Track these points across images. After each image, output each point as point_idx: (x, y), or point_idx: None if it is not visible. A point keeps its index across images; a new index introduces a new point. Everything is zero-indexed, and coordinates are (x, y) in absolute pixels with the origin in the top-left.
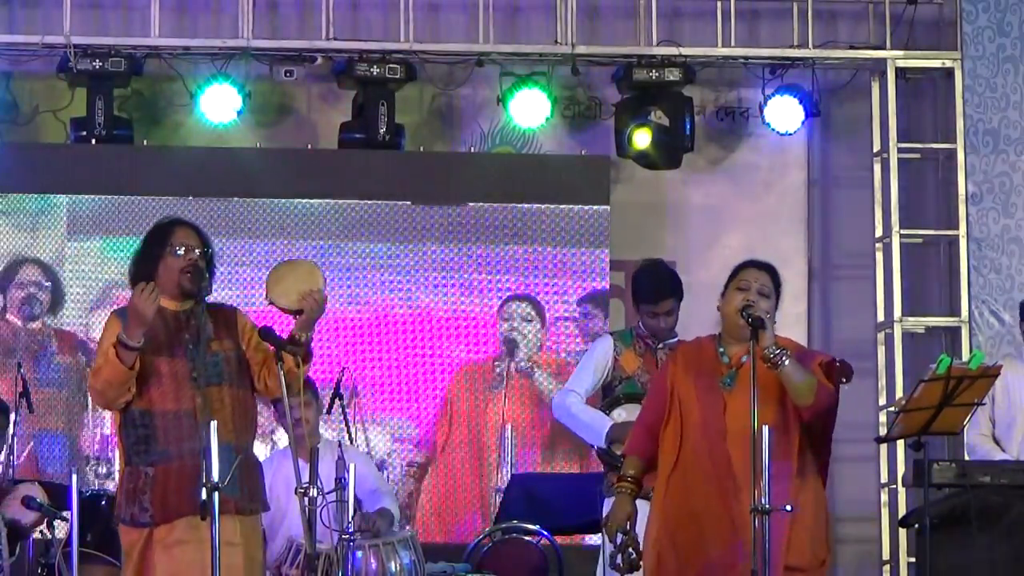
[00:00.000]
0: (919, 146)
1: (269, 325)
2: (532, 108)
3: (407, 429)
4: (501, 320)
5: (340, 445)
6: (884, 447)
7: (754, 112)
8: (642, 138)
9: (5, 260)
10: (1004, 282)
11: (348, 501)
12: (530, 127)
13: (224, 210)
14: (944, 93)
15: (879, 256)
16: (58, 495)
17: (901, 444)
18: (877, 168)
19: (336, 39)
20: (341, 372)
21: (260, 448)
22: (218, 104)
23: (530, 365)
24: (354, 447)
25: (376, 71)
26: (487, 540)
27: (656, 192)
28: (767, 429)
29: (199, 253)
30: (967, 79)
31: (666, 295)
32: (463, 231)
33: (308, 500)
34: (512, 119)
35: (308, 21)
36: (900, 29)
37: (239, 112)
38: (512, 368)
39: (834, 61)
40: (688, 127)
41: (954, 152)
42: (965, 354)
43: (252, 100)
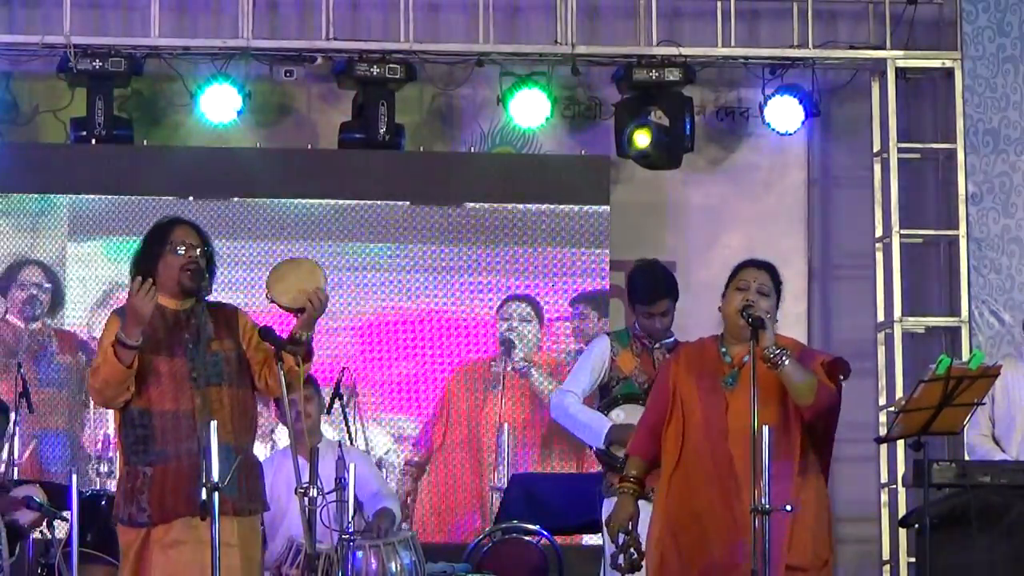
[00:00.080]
0: (919, 146)
1: (269, 325)
2: (532, 108)
3: (405, 428)
4: (500, 320)
5: (340, 445)
6: (884, 447)
7: (754, 112)
8: (642, 138)
9: (7, 261)
10: (1004, 282)
11: (348, 501)
12: (530, 127)
13: (224, 211)
14: (944, 93)
15: (879, 256)
16: (58, 495)
17: (901, 444)
18: (877, 168)
19: (336, 39)
20: (341, 372)
21: (260, 448)
22: (218, 104)
23: (527, 365)
24: (355, 447)
25: (376, 71)
26: (487, 540)
27: (656, 192)
28: (767, 429)
29: (199, 252)
30: (967, 79)
31: (661, 296)
32: (463, 232)
33: (308, 500)
34: (512, 119)
35: (308, 21)
36: (900, 29)
37: (239, 112)
38: (509, 368)
39: (834, 61)
40: (688, 127)
41: (954, 152)
42: (965, 354)
43: (252, 100)
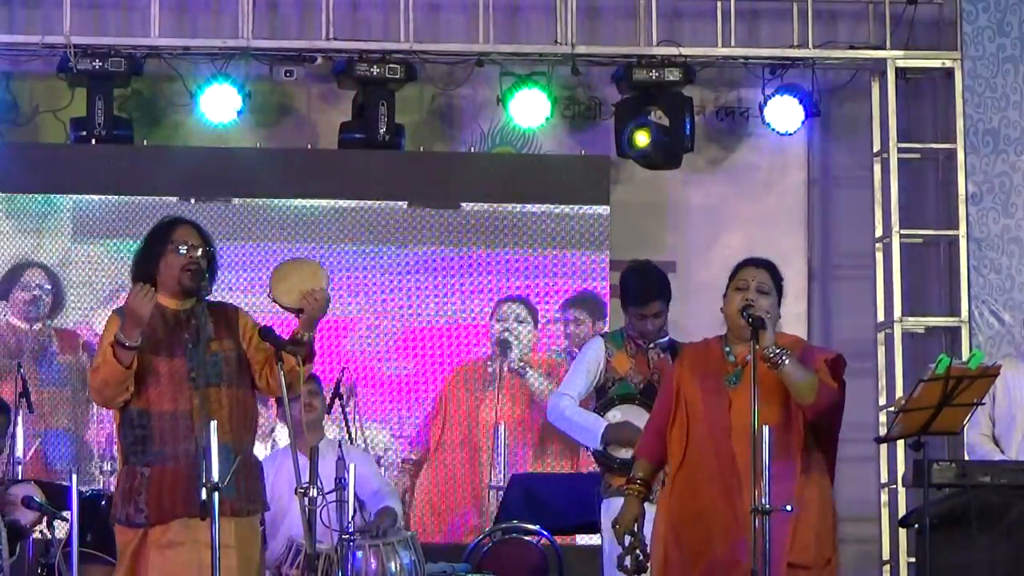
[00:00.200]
0: (919, 146)
1: (269, 325)
2: (532, 108)
3: (403, 427)
4: (496, 321)
5: (340, 445)
6: (884, 447)
7: (754, 112)
8: (642, 138)
9: (9, 263)
10: (1004, 282)
11: (348, 501)
12: (530, 127)
13: (225, 213)
14: (944, 93)
15: (879, 256)
16: (58, 495)
17: (901, 444)
18: (877, 168)
19: (336, 39)
20: (341, 372)
21: (260, 448)
22: (218, 104)
23: (523, 365)
24: (355, 447)
25: (376, 71)
26: (487, 540)
27: (656, 192)
28: (767, 428)
29: (201, 252)
30: (967, 79)
31: (653, 297)
32: (462, 233)
33: (308, 500)
34: (512, 119)
35: (308, 21)
36: (900, 29)
37: (239, 112)
38: (505, 368)
39: (834, 61)
40: (688, 127)
41: (954, 152)
42: (965, 354)
43: (252, 100)
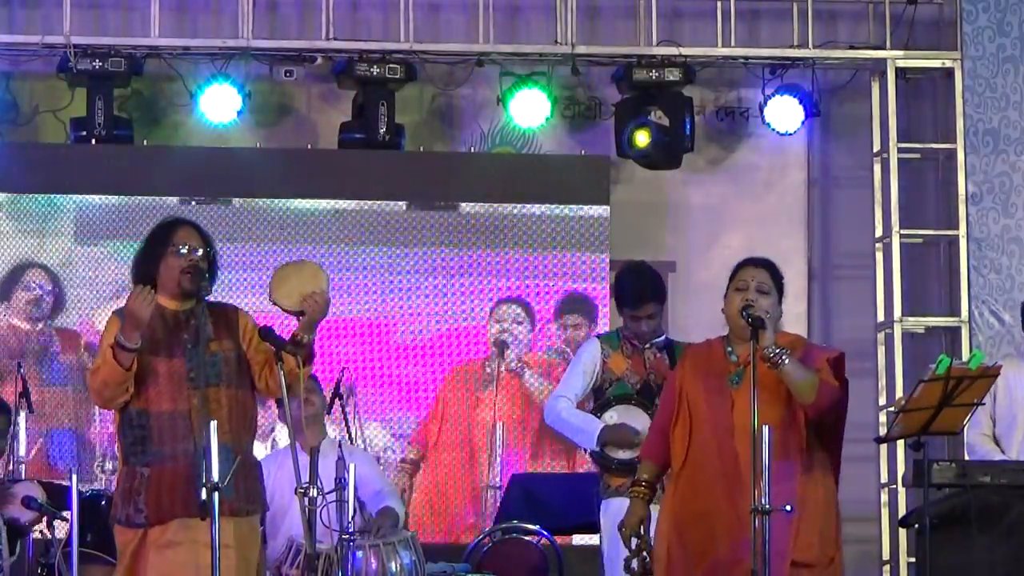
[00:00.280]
0: (919, 146)
1: (269, 325)
2: (532, 108)
3: (402, 426)
4: (494, 322)
5: (340, 445)
6: (884, 447)
7: (754, 112)
8: (642, 138)
9: (11, 263)
10: (1004, 282)
11: (348, 501)
12: (530, 127)
13: (226, 214)
14: (944, 93)
15: (879, 256)
16: (59, 495)
17: (901, 444)
18: (877, 168)
19: (336, 39)
20: (341, 372)
21: (260, 448)
22: (218, 104)
23: (520, 366)
24: (357, 447)
25: (376, 71)
26: (487, 540)
27: (656, 192)
28: (767, 428)
29: (201, 253)
30: (967, 79)
31: (647, 299)
32: (462, 234)
33: (308, 500)
34: (512, 119)
35: (308, 21)
36: (900, 29)
37: (239, 112)
38: (503, 368)
39: (834, 61)
40: (688, 127)
41: (954, 152)
42: (965, 354)
43: (252, 100)
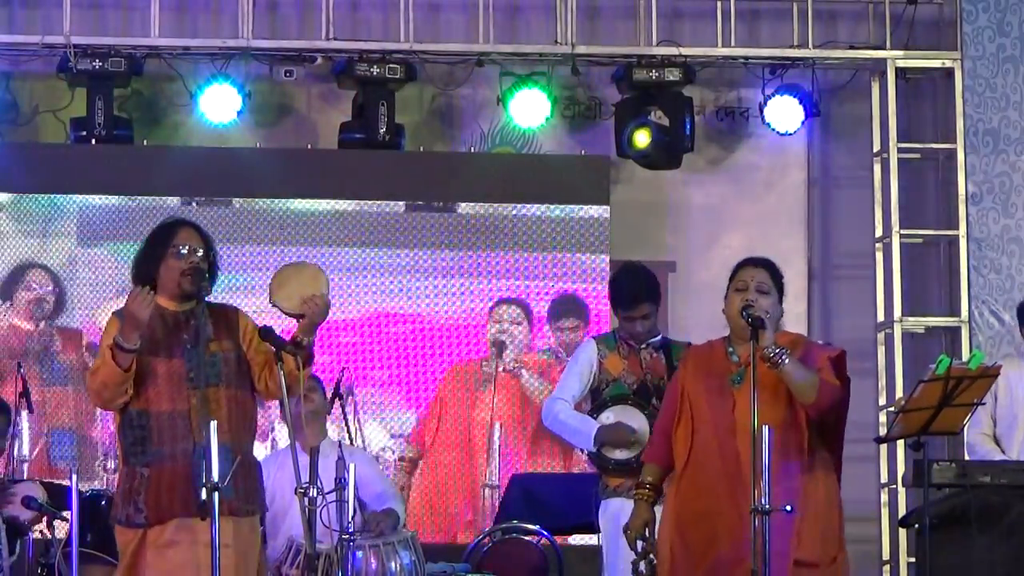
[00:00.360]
0: (919, 146)
1: (269, 325)
2: (532, 108)
3: (400, 426)
4: (492, 322)
5: (341, 445)
6: (884, 447)
7: (754, 112)
8: (642, 138)
9: (13, 264)
10: (1004, 282)
11: (348, 501)
12: (530, 127)
13: (226, 215)
14: (944, 93)
15: (879, 256)
16: (60, 495)
17: (901, 444)
18: (877, 168)
19: (336, 39)
20: (341, 372)
21: (259, 447)
22: (218, 104)
23: (518, 366)
24: (357, 448)
25: (376, 71)
26: (487, 540)
27: (656, 192)
28: (770, 428)
29: (201, 254)
30: (967, 79)
31: (642, 300)
32: (462, 235)
33: (308, 500)
34: (512, 119)
35: (308, 21)
36: (900, 29)
37: (239, 112)
38: (500, 369)
39: (834, 61)
40: (688, 127)
41: (954, 152)
42: (965, 354)
43: (252, 100)
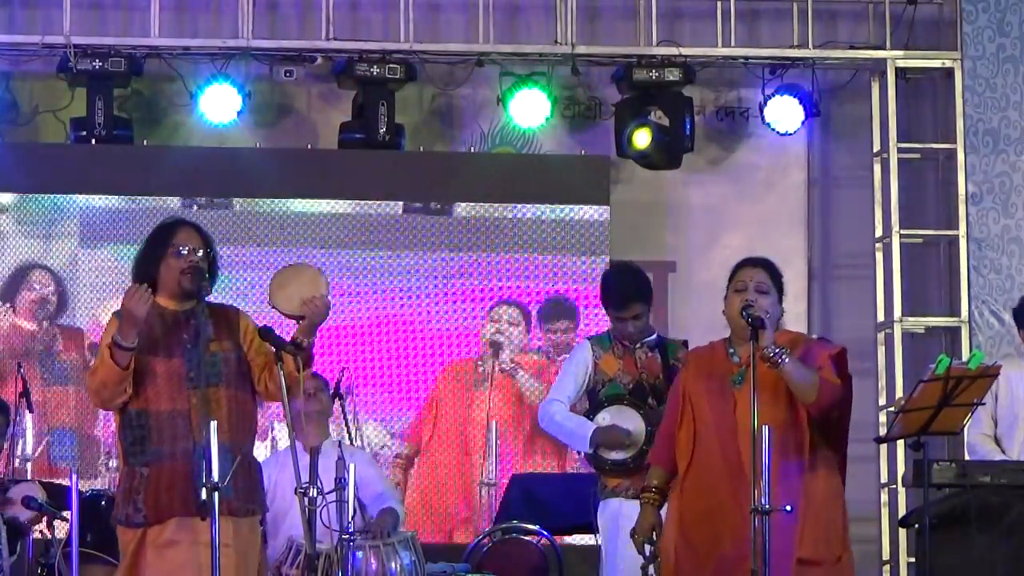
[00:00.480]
0: (919, 146)
1: (269, 325)
2: (532, 108)
3: (399, 425)
4: (489, 322)
5: (341, 445)
6: (884, 447)
7: (754, 112)
8: (642, 138)
9: (15, 265)
10: (1004, 282)
11: (348, 501)
12: (530, 127)
13: (227, 216)
14: (944, 93)
15: (879, 256)
16: (60, 495)
17: (901, 444)
18: (877, 168)
19: (336, 39)
20: (341, 372)
21: (260, 448)
22: (218, 104)
23: (513, 366)
24: (357, 448)
25: (376, 71)
26: (487, 540)
27: (656, 192)
28: (770, 428)
29: (202, 254)
30: (967, 79)
31: (632, 300)
32: (462, 235)
33: (308, 500)
34: (512, 119)
35: (308, 21)
36: (900, 29)
37: (239, 112)
38: (496, 368)
39: (834, 61)
40: (688, 127)
41: (954, 152)
42: (965, 354)
43: (252, 100)
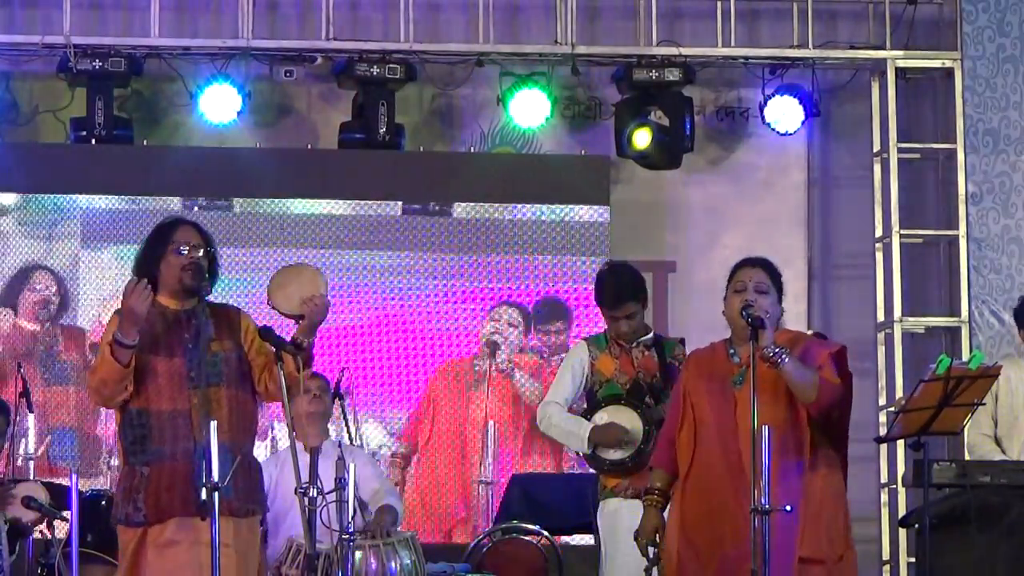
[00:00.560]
0: (919, 146)
1: (269, 325)
2: (532, 108)
3: (397, 424)
4: (489, 321)
5: (341, 444)
6: (884, 447)
7: (754, 112)
8: (642, 138)
9: (18, 266)
10: (1004, 282)
11: (348, 501)
12: (530, 127)
13: (228, 217)
14: (944, 93)
15: (879, 256)
16: (62, 495)
17: (901, 444)
18: (877, 168)
19: (336, 39)
20: (341, 372)
21: (260, 447)
22: (218, 104)
23: (510, 367)
24: (357, 447)
25: (376, 71)
26: (487, 540)
27: (656, 192)
28: (768, 428)
29: (202, 252)
30: (967, 79)
31: (625, 299)
32: (461, 236)
33: (308, 500)
34: (512, 119)
35: (308, 21)
36: (900, 29)
37: (239, 112)
38: (493, 368)
39: (834, 61)
40: (688, 127)
41: (954, 152)
42: (965, 354)
43: (252, 100)
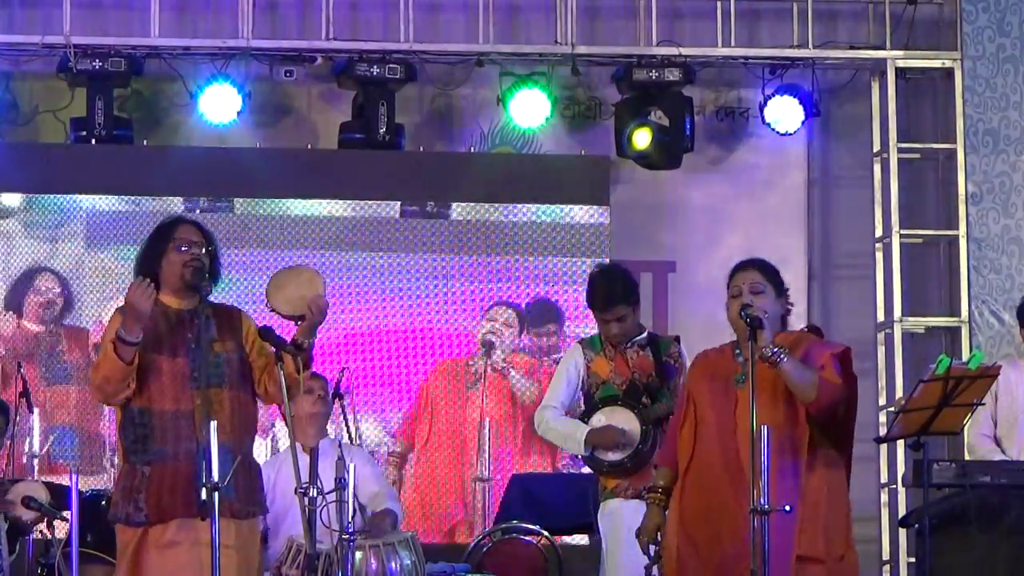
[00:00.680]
0: (919, 146)
1: (269, 325)
2: (532, 108)
3: (395, 424)
4: (485, 321)
5: (340, 445)
6: (884, 447)
7: (754, 112)
8: (642, 138)
9: (23, 267)
10: (1004, 282)
11: (348, 501)
12: (530, 127)
13: (229, 218)
14: (944, 93)
15: (879, 256)
16: (62, 495)
17: (901, 444)
18: (877, 168)
19: (336, 39)
20: (341, 372)
21: (259, 447)
22: (218, 104)
23: (505, 366)
24: (356, 447)
25: (376, 71)
26: (487, 540)
27: (656, 192)
28: (767, 428)
29: (204, 251)
30: (967, 79)
31: (616, 301)
32: (461, 236)
33: (308, 500)
34: (512, 119)
35: (308, 21)
36: (900, 29)
37: (239, 112)
38: (489, 368)
39: (834, 61)
40: (688, 127)
41: (954, 152)
42: (965, 354)
43: (252, 100)
